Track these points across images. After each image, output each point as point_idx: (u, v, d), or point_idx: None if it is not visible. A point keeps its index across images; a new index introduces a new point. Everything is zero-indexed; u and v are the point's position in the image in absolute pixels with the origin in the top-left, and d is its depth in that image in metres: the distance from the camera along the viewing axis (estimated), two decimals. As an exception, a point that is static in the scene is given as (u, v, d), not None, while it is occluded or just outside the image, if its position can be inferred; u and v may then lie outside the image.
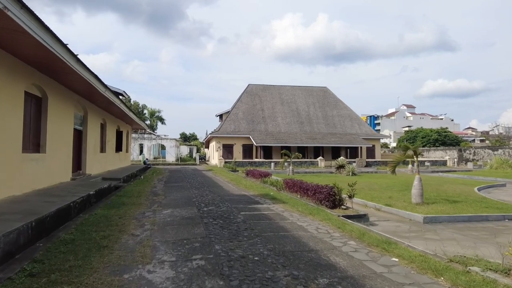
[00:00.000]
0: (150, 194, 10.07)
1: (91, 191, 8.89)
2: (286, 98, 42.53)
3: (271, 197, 9.57)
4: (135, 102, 54.98)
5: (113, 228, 5.38)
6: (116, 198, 8.92)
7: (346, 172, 20.61)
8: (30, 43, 6.00)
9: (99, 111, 15.61)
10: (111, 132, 18.91)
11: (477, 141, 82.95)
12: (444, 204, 9.16)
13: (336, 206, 7.69)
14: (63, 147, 10.67)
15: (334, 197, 7.66)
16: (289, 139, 36.01)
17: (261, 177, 14.17)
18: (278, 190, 11.07)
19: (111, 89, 14.43)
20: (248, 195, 10.19)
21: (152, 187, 12.21)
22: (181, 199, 9.19)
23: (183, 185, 13.08)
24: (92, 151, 14.56)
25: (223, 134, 36.16)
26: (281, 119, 39.79)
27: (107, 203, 8.09)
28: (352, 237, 5.26)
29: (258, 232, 5.40)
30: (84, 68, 8.43)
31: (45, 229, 5.09)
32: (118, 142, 20.90)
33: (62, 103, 10.42)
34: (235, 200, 9.04)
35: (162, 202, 8.58)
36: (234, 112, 39.09)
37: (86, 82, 9.25)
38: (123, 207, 7.45)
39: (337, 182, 8.44)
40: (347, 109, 42.84)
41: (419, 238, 6.15)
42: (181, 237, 5.02)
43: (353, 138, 37.89)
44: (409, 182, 14.84)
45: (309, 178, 17.64)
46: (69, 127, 11.40)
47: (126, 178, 14.97)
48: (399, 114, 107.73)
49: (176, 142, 43.81)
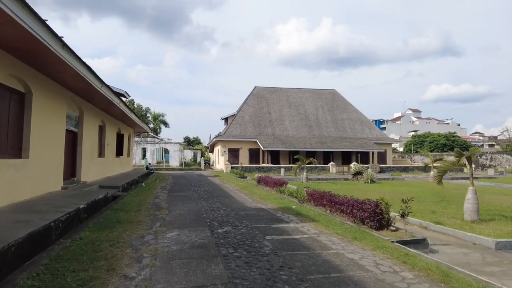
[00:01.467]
0: (151, 207, 8.58)
1: (82, 204, 7.42)
2: (293, 101, 41.07)
3: (295, 212, 8.05)
4: (139, 105, 53.80)
5: (99, 265, 3.88)
6: (111, 213, 7.45)
7: (364, 179, 19.02)
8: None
9: (97, 112, 14.21)
10: (111, 135, 17.51)
11: (486, 145, 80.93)
12: (505, 222, 7.58)
13: (383, 227, 6.16)
14: (52, 151, 9.25)
15: (381, 216, 6.13)
16: (298, 143, 34.47)
17: (276, 186, 12.65)
18: (300, 203, 9.54)
19: (112, 89, 13.05)
20: (266, 209, 8.68)
21: (155, 197, 10.73)
22: (189, 214, 7.69)
23: (189, 195, 11.59)
24: (89, 156, 13.14)
25: (229, 138, 34.71)
26: (288, 123, 38.30)
27: (99, 220, 6.62)
28: (433, 281, 3.73)
29: (301, 272, 3.88)
30: (73, 56, 7.00)
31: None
32: (119, 146, 19.49)
33: (51, 101, 9.01)
34: (253, 217, 7.53)
35: (165, 219, 7.09)
36: (240, 115, 37.66)
37: (77, 74, 7.83)
38: (117, 227, 5.96)
39: (356, 190, 6.97)
40: (357, 113, 41.27)
41: (509, 275, 4.60)
42: (194, 283, 3.51)
43: (364, 143, 36.27)
44: (438, 192, 13.28)
45: (325, 186, 16.10)
46: (61, 128, 9.98)
47: (126, 186, 13.51)
48: (405, 118, 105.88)
49: (180, 146, 42.40)
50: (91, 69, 8.27)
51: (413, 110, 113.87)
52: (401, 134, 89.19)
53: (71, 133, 11.59)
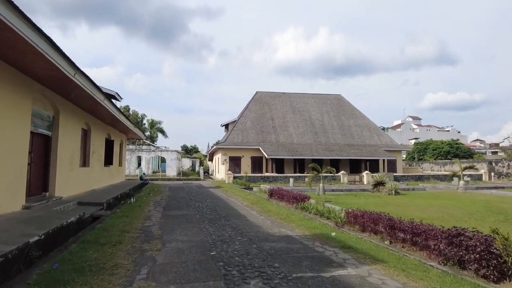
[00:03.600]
0: (138, 236, 6.23)
1: (37, 235, 5.08)
2: (297, 106, 38.97)
3: (340, 244, 5.72)
4: (134, 112, 51.50)
5: None
6: (77, 249, 5.10)
7: (387, 190, 16.71)
8: None
9: (79, 113, 11.91)
10: (98, 141, 15.19)
11: (489, 153, 79.24)
12: None
13: (504, 278, 3.85)
14: (8, 159, 6.92)
15: (499, 258, 3.83)
16: (304, 151, 32.20)
17: (295, 201, 10.31)
18: (337, 227, 7.21)
19: (102, 89, 10.79)
20: (297, 238, 6.34)
21: (145, 218, 8.36)
22: (191, 250, 5.33)
23: (189, 215, 9.22)
24: (67, 165, 10.78)
25: (230, 145, 32.39)
26: (293, 129, 36.10)
27: (52, 266, 4.26)
28: None
29: None
30: (23, 19, 4.74)
31: None
32: (108, 154, 17.14)
33: (4, 92, 6.72)
34: (285, 253, 5.19)
35: (156, 260, 4.74)
36: (242, 121, 35.44)
37: (35, 52, 5.58)
38: (76, 281, 3.62)
39: (387, 205, 4.74)
40: (364, 119, 39.20)
41: None
42: None
43: (374, 150, 34.09)
44: (487, 206, 10.92)
45: (347, 199, 13.79)
46: (23, 129, 7.66)
47: (113, 202, 11.13)
48: (405, 126, 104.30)
49: (178, 154, 39.94)
50: (56, 45, 6.00)
51: (413, 117, 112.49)
52: (402, 142, 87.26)
53: (42, 137, 9.27)
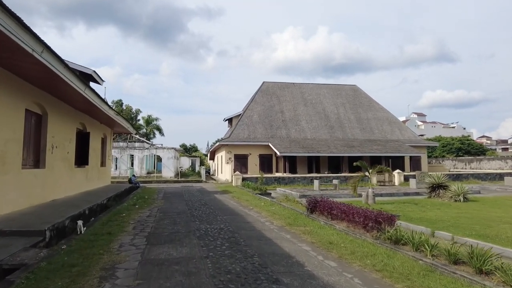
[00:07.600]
0: None
1: None
2: (310, 98, 34.79)
3: None
4: (128, 106, 47.05)
5: None
6: None
7: (452, 194, 12.56)
8: None
9: (19, 84, 7.65)
10: (64, 132, 10.93)
11: (499, 149, 76.06)
12: None
13: None
14: None
15: None
16: (320, 147, 28.00)
17: (370, 223, 6.12)
18: None
19: (71, 67, 6.55)
20: None
21: (107, 270, 4.16)
22: None
23: (191, 262, 4.98)
24: (-9, 167, 6.55)
25: (235, 142, 28.17)
26: (305, 123, 31.92)
27: None
28: None
29: None
30: None
31: None
32: (82, 150, 12.90)
33: None
34: None
35: None
36: (248, 114, 31.20)
37: None
38: None
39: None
40: (383, 111, 35.07)
41: None
42: None
43: (399, 146, 29.95)
44: None
45: (418, 213, 9.53)
46: None
47: (68, 225, 6.91)
48: (410, 122, 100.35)
49: (176, 153, 35.59)
50: None
51: (418, 114, 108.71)
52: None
53: None
